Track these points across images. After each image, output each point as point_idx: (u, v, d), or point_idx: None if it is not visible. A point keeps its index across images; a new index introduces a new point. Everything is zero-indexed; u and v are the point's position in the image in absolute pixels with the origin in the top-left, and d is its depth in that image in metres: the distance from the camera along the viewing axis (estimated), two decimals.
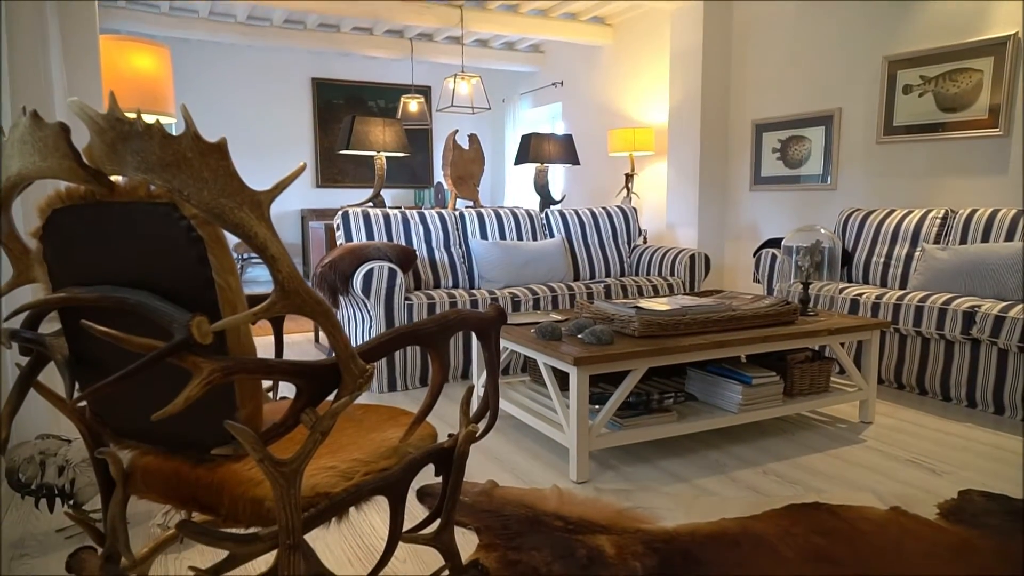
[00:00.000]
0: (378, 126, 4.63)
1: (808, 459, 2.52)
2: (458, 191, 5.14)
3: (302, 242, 7.65)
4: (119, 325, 0.97)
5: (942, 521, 2.01)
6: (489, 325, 1.29)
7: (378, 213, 3.90)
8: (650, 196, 6.18)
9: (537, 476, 2.39)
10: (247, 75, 7.40)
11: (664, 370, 2.98)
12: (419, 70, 8.31)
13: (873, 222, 3.95)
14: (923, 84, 3.96)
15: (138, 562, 1.31)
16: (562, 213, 4.52)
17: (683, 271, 4.31)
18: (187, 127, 0.88)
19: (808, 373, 2.80)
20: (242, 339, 1.02)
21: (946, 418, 2.97)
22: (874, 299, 3.41)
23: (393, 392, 3.47)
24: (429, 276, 3.91)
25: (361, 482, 1.14)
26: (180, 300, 1.00)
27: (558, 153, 5.49)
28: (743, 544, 1.87)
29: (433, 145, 8.46)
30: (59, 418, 2.53)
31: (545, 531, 1.95)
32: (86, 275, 1.08)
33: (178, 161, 0.89)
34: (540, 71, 7.75)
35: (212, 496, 1.12)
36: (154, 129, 0.88)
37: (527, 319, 2.94)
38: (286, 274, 0.93)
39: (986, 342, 2.94)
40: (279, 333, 1.54)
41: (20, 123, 1.00)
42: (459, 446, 1.27)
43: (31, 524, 2.01)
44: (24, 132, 0.99)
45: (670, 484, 2.31)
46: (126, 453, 1.21)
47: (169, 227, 0.97)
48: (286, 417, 1.01)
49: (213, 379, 0.93)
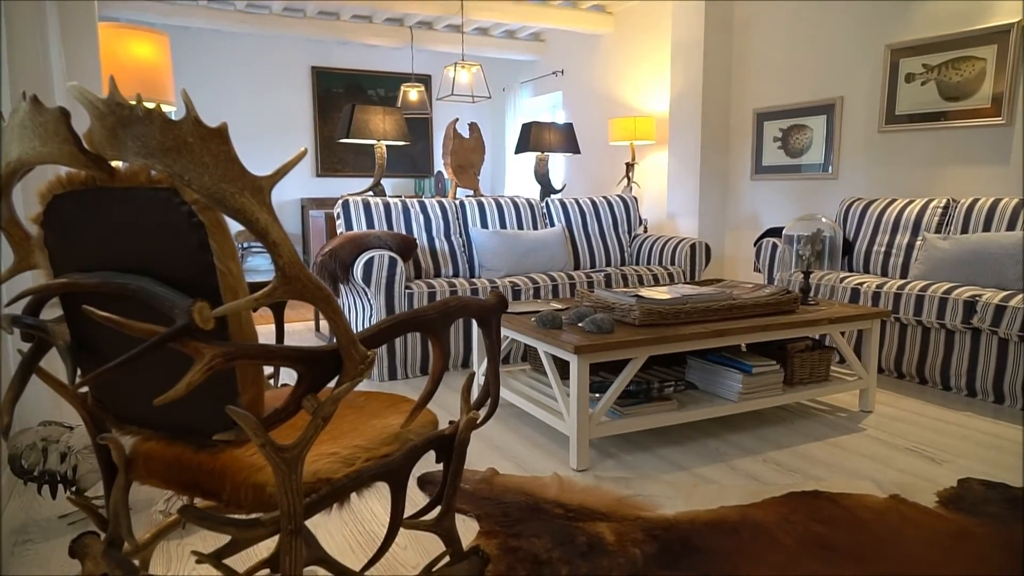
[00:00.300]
0: (378, 114, 4.61)
1: (808, 447, 2.53)
2: (458, 180, 5.13)
3: (302, 231, 7.64)
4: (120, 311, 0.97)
5: (941, 509, 2.02)
6: (490, 312, 1.29)
7: (378, 202, 3.90)
8: (651, 185, 6.17)
9: (537, 464, 2.40)
10: (246, 63, 7.37)
11: (664, 359, 2.99)
12: (419, 59, 8.28)
13: (874, 211, 3.94)
14: (926, 73, 3.95)
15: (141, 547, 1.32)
16: (563, 202, 4.51)
17: (683, 260, 4.31)
18: (188, 112, 0.88)
19: (808, 362, 2.80)
20: (243, 325, 1.02)
21: (946, 407, 2.98)
22: (875, 288, 3.41)
23: (394, 381, 3.47)
24: (429, 265, 3.91)
25: (362, 468, 1.14)
26: (181, 286, 1.00)
27: (559, 142, 5.48)
28: (742, 531, 1.88)
29: (433, 134, 8.44)
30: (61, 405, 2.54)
31: (545, 518, 1.96)
32: (87, 261, 1.08)
33: (179, 146, 0.89)
34: (541, 60, 7.72)
35: (214, 482, 1.13)
36: (155, 114, 0.88)
37: (527, 308, 2.94)
38: (287, 260, 0.93)
39: (987, 331, 2.94)
40: (280, 320, 1.54)
41: (20, 108, 1.00)
42: (460, 433, 1.28)
43: (34, 510, 2.02)
44: (24, 117, 0.99)
45: (670, 472, 2.32)
46: (128, 439, 1.21)
47: (170, 213, 0.97)
48: (287, 403, 1.01)
49: (215, 364, 0.93)
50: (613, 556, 1.75)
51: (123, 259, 1.04)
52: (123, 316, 0.91)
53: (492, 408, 1.32)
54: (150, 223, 1.00)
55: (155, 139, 0.88)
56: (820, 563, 1.72)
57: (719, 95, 5.27)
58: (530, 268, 4.03)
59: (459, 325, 3.62)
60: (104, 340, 1.12)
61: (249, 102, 7.42)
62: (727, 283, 3.14)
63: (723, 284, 3.11)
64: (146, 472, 1.19)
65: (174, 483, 1.17)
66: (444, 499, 1.31)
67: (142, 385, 1.11)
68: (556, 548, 1.78)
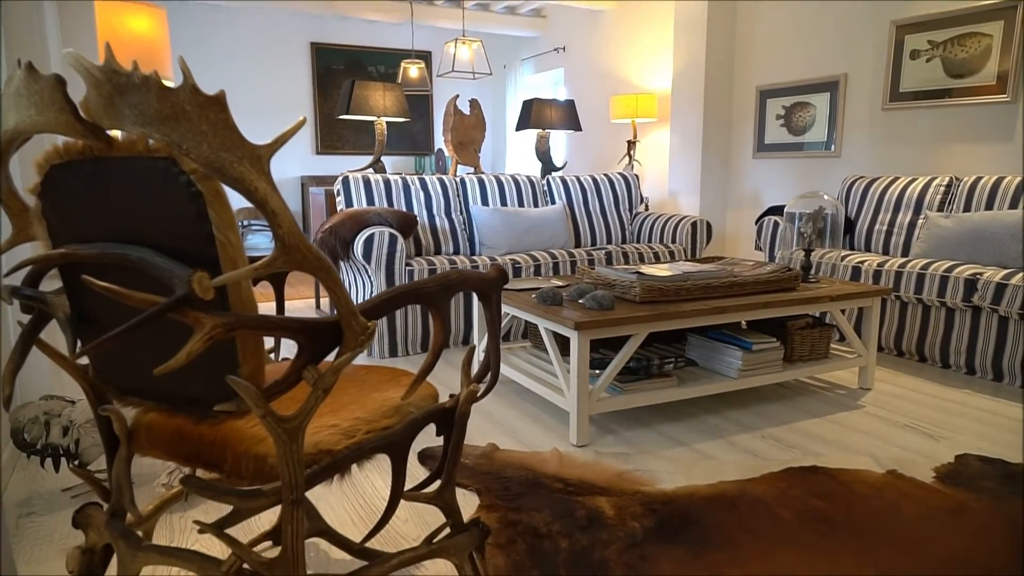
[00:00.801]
0: (378, 91, 4.57)
1: (807, 424, 2.54)
2: (459, 157, 5.10)
3: (302, 209, 7.61)
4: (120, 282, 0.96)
5: (939, 484, 2.03)
6: (490, 285, 1.29)
7: (378, 178, 3.88)
8: (652, 163, 6.14)
9: (537, 440, 2.41)
10: (244, 39, 7.29)
11: (665, 335, 2.99)
12: (419, 35, 8.19)
13: (877, 190, 3.92)
14: (931, 49, 3.91)
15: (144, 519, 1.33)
16: (563, 180, 4.49)
17: (684, 238, 4.29)
18: (185, 79, 0.87)
19: (808, 339, 2.80)
20: (243, 296, 1.02)
21: (945, 385, 2.99)
22: (876, 266, 3.40)
23: (394, 357, 3.48)
24: (430, 242, 3.90)
25: (363, 440, 1.15)
26: (181, 256, 1.00)
27: (560, 119, 5.44)
28: (741, 506, 1.89)
29: (433, 112, 8.38)
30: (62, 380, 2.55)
31: (545, 492, 1.97)
32: (86, 232, 1.07)
33: (176, 114, 0.88)
34: (542, 36, 7.64)
35: (215, 453, 1.13)
36: (151, 81, 0.87)
37: (528, 284, 2.94)
38: (287, 229, 0.93)
39: (987, 309, 2.94)
40: (280, 295, 1.54)
41: (15, 76, 0.99)
42: (460, 405, 1.28)
43: (37, 484, 2.03)
44: (19, 85, 0.98)
45: (669, 448, 2.33)
46: (129, 411, 1.21)
47: (168, 182, 0.96)
48: (288, 374, 1.01)
49: (215, 334, 0.92)
50: (612, 529, 1.76)
51: (122, 230, 1.04)
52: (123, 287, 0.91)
53: (492, 381, 1.33)
54: (148, 193, 0.99)
55: (152, 107, 0.87)
56: (818, 537, 1.73)
57: (722, 72, 5.22)
58: (531, 246, 4.02)
59: (459, 302, 3.62)
60: (104, 312, 1.12)
61: (248, 79, 7.35)
62: (728, 260, 3.14)
63: (724, 262, 3.11)
64: (147, 444, 1.20)
65: (175, 454, 1.18)
66: (445, 471, 1.31)
67: (143, 357, 1.11)
68: (556, 521, 1.80)
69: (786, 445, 2.34)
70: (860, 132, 4.39)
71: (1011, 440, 2.38)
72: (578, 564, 1.60)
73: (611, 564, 1.60)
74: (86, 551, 1.23)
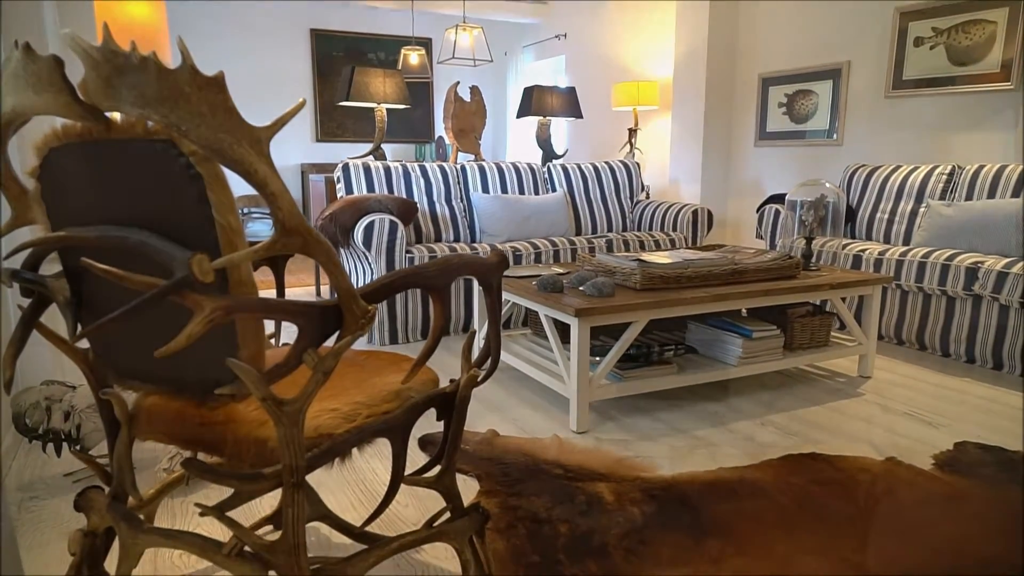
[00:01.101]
0: (378, 77, 4.55)
1: (806, 412, 2.55)
2: (459, 144, 5.08)
3: (302, 196, 7.60)
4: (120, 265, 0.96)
5: (937, 471, 2.03)
6: (491, 270, 1.28)
7: (379, 165, 3.86)
8: (653, 151, 6.12)
9: (538, 426, 2.41)
10: (243, 25, 7.25)
11: (665, 323, 2.99)
12: (420, 21, 8.14)
13: (878, 178, 3.91)
14: (935, 36, 3.88)
15: (145, 502, 1.33)
16: (564, 167, 4.47)
17: (685, 226, 4.29)
18: (184, 60, 0.86)
19: (808, 327, 2.81)
20: (243, 279, 1.02)
21: (944, 373, 2.99)
22: (877, 255, 3.40)
23: (395, 344, 3.48)
24: (430, 229, 3.89)
25: (363, 424, 1.15)
26: (180, 239, 0.99)
27: (561, 106, 5.41)
28: (740, 492, 1.90)
29: (434, 99, 8.34)
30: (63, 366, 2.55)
31: (545, 478, 1.98)
32: (85, 215, 1.07)
33: (175, 95, 0.87)
34: (543, 23, 7.59)
35: (216, 436, 1.13)
36: (150, 62, 0.86)
37: (529, 272, 2.94)
38: (287, 212, 0.92)
39: (987, 298, 2.94)
40: (280, 278, 1.54)
41: (13, 57, 0.98)
42: (460, 390, 1.28)
43: (39, 468, 2.04)
44: (17, 66, 0.97)
45: (669, 435, 2.33)
46: (130, 394, 1.21)
47: (168, 165, 0.96)
48: (288, 357, 1.01)
49: (215, 317, 0.92)
50: (612, 515, 1.77)
51: (121, 213, 1.03)
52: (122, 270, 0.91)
53: (493, 366, 1.33)
54: (148, 176, 0.99)
55: (151, 88, 0.87)
56: (817, 523, 1.74)
57: (724, 60, 5.19)
58: (531, 233, 4.02)
59: (460, 289, 3.62)
60: (104, 295, 1.12)
61: (247, 65, 7.31)
62: (729, 248, 3.13)
63: (725, 250, 3.10)
64: (148, 427, 1.20)
65: (176, 438, 1.18)
66: (445, 456, 1.31)
67: (143, 340, 1.11)
68: (556, 507, 1.81)
69: (786, 432, 2.35)
70: (862, 120, 4.37)
71: (1010, 428, 2.39)
72: (577, 549, 1.61)
73: (610, 549, 1.61)
74: (88, 534, 1.23)
